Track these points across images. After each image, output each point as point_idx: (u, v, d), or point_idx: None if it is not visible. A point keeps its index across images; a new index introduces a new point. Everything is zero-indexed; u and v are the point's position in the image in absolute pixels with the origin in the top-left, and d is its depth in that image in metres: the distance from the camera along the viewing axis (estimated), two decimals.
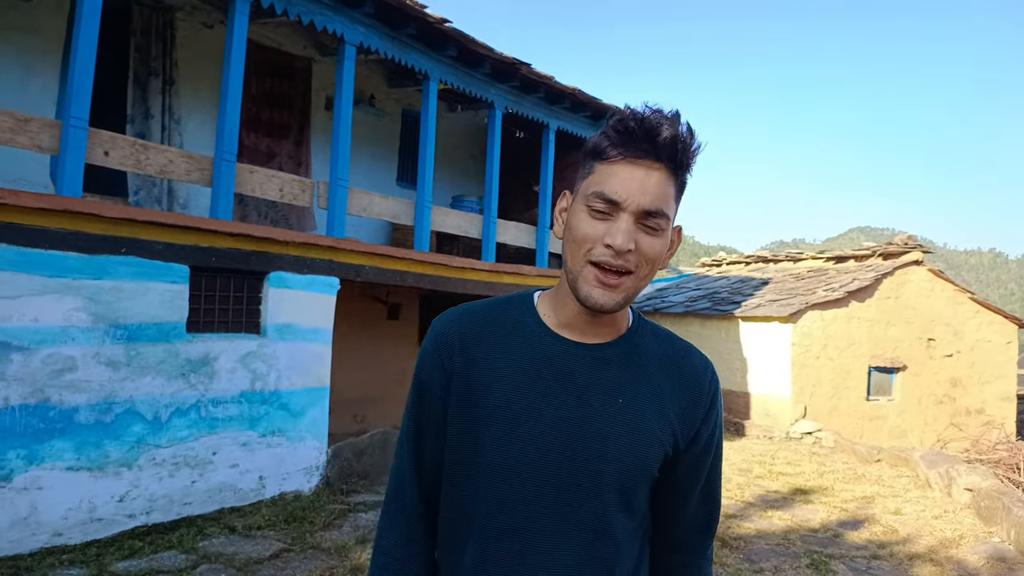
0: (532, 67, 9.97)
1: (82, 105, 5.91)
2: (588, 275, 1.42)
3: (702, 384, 1.58)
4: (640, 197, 1.39)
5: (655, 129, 1.39)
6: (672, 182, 1.44)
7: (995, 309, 15.54)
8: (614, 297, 1.42)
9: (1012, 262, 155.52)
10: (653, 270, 1.46)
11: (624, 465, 1.47)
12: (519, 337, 1.53)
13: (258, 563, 5.65)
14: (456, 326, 1.56)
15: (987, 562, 6.44)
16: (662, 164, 1.41)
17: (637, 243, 1.40)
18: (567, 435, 1.45)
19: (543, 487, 1.44)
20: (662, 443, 1.50)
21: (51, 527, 5.71)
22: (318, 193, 8.17)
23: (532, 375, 1.48)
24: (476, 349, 1.53)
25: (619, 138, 1.41)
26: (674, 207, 1.46)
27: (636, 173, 1.40)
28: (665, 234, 1.45)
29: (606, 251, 1.39)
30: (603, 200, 1.40)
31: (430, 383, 1.56)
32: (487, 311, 1.59)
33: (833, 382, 13.94)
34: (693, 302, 16.95)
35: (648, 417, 1.50)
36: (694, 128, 1.45)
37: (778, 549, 6.71)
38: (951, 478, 8.80)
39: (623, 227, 1.39)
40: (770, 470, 10.28)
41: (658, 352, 1.58)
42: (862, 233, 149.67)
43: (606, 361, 1.51)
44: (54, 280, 5.72)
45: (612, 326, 1.54)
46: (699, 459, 1.59)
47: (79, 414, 5.88)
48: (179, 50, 8.60)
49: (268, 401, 7.31)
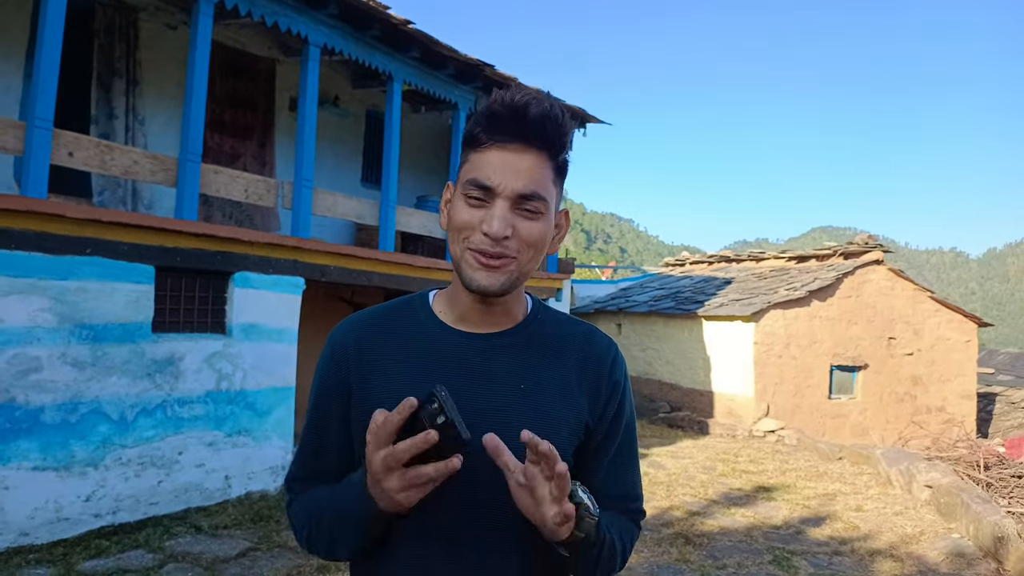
0: (496, 68, 10.04)
1: (46, 106, 5.90)
2: (469, 260, 1.38)
3: (604, 365, 1.54)
4: (513, 181, 1.36)
5: (522, 111, 1.36)
6: (547, 164, 1.40)
7: (955, 308, 15.74)
8: (498, 278, 1.38)
9: (973, 262, 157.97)
10: (538, 256, 1.42)
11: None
12: (414, 336, 1.50)
13: (225, 562, 5.67)
14: (352, 333, 1.53)
15: (947, 558, 6.54)
16: (533, 146, 1.37)
17: (515, 228, 1.37)
18: (469, 430, 1.34)
19: (450, 489, 1.34)
20: (571, 427, 1.47)
21: (17, 527, 5.69)
22: (283, 193, 8.18)
23: (428, 372, 1.44)
24: (372, 353, 1.49)
25: (487, 123, 1.38)
26: (554, 190, 1.43)
27: (507, 157, 1.36)
28: (545, 218, 1.41)
29: (483, 239, 1.36)
30: (477, 187, 1.37)
31: (329, 394, 1.52)
32: (383, 314, 1.56)
33: (795, 381, 14.10)
34: (657, 301, 17.08)
35: (553, 401, 1.46)
36: (563, 107, 1.42)
37: (741, 546, 6.80)
38: (911, 475, 8.93)
39: (498, 213, 1.35)
40: (733, 468, 10.40)
41: (559, 336, 1.54)
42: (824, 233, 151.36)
43: (505, 349, 1.48)
44: (20, 280, 5.70)
45: (508, 315, 1.51)
46: (607, 440, 1.54)
47: (45, 414, 5.87)
48: (142, 51, 8.57)
49: (234, 401, 7.32)
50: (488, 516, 1.40)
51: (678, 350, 15.77)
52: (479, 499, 1.40)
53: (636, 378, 16.63)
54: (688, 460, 10.85)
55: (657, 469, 10.02)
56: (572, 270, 13.55)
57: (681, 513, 7.81)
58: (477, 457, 1.32)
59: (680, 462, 10.64)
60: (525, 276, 1.43)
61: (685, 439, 12.96)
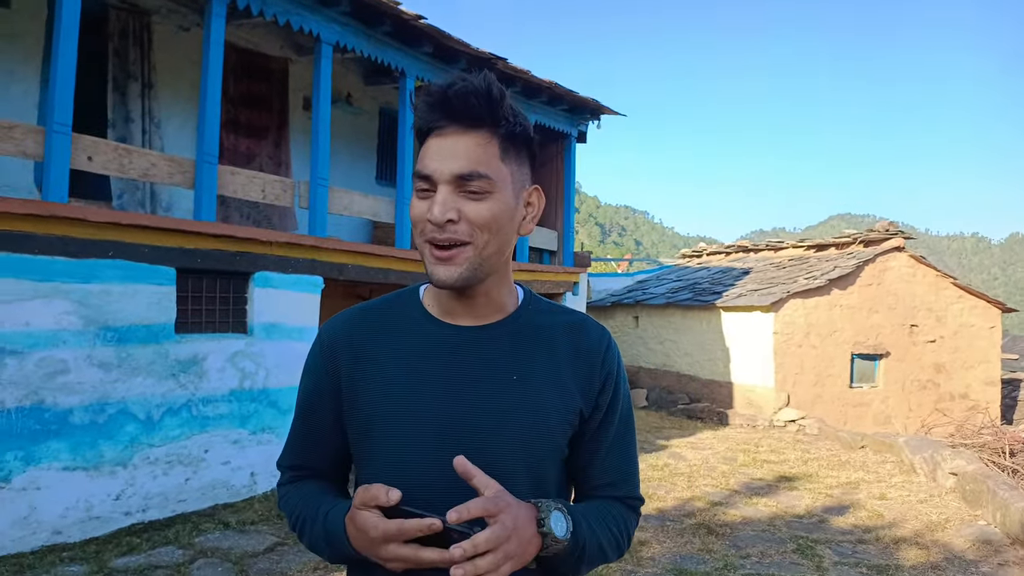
0: (508, 62, 10.06)
1: (65, 111, 5.96)
2: (427, 254, 1.38)
3: (597, 354, 1.52)
4: (449, 164, 1.34)
5: (446, 92, 1.35)
6: (490, 141, 1.37)
7: (978, 294, 15.58)
8: (456, 270, 1.36)
9: (995, 246, 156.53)
10: (498, 237, 1.39)
11: (526, 441, 1.42)
12: (404, 330, 1.49)
13: (253, 557, 5.73)
14: (342, 328, 1.53)
15: (973, 545, 6.50)
16: (467, 126, 1.36)
17: (462, 212, 1.34)
18: (461, 424, 1.40)
19: (435, 485, 1.36)
20: (564, 417, 1.46)
21: (50, 526, 5.78)
22: (299, 193, 8.23)
23: (418, 367, 1.44)
24: (363, 347, 1.49)
25: (423, 114, 1.37)
26: (504, 168, 1.39)
27: (443, 143, 1.35)
28: (494, 196, 1.37)
29: (431, 227, 1.35)
30: (420, 178, 1.36)
31: (319, 385, 1.53)
32: (373, 309, 1.56)
33: (816, 370, 14.03)
34: (674, 293, 17.06)
35: (545, 391, 1.45)
36: (493, 80, 1.38)
37: (764, 535, 6.80)
38: (936, 463, 8.88)
39: (439, 198, 1.33)
40: (754, 458, 10.39)
41: (550, 327, 1.53)
42: (843, 220, 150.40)
43: (494, 341, 1.47)
44: (44, 284, 5.77)
45: (495, 306, 1.49)
46: (601, 430, 1.53)
47: (73, 415, 5.94)
48: (156, 53, 8.63)
49: (257, 399, 7.38)
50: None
51: (696, 342, 15.73)
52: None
53: (654, 370, 16.63)
54: (708, 451, 10.84)
55: (678, 460, 10.02)
56: (588, 263, 13.55)
57: (703, 504, 7.81)
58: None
59: (701, 453, 10.64)
60: (489, 261, 1.40)
61: (705, 430, 12.95)
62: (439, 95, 1.35)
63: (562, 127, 12.00)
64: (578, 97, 11.59)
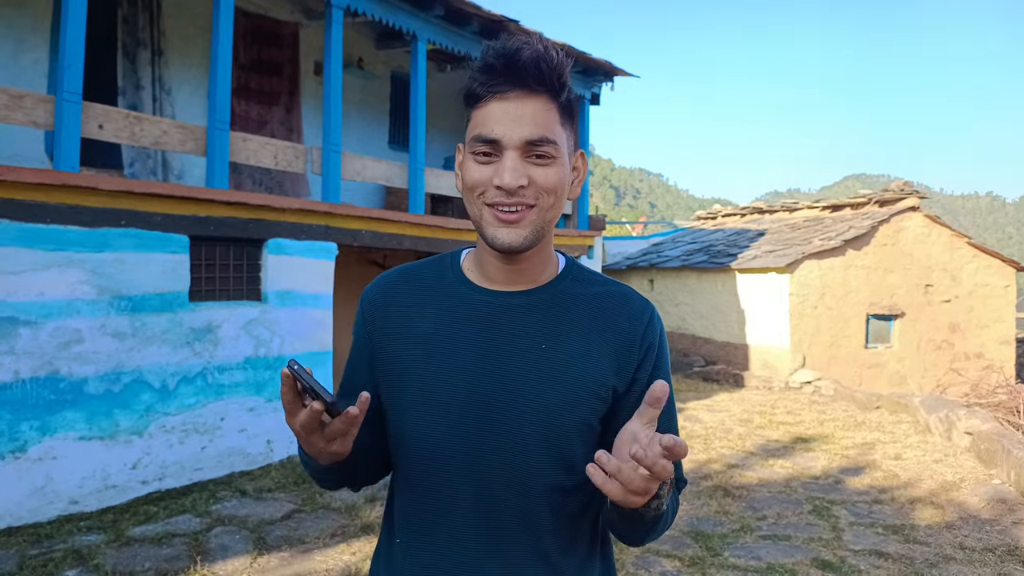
0: (520, 23, 9.94)
1: (75, 79, 5.91)
2: (488, 217, 1.36)
3: (637, 328, 1.47)
4: (518, 129, 1.32)
5: (514, 56, 1.33)
6: (551, 106, 1.36)
7: (993, 253, 15.47)
8: (521, 233, 1.35)
9: (1009, 205, 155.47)
10: (559, 201, 1.39)
11: (547, 412, 1.39)
12: (440, 293, 1.49)
13: (270, 524, 5.77)
14: (382, 288, 1.55)
15: (988, 504, 6.50)
16: (532, 91, 1.34)
17: (530, 177, 1.33)
18: (485, 389, 1.40)
19: (459, 443, 1.41)
20: (593, 391, 1.42)
21: (67, 495, 5.82)
22: (311, 159, 8.18)
23: (450, 329, 1.44)
24: (398, 307, 1.50)
25: (483, 77, 1.35)
26: (563, 132, 1.38)
27: (508, 107, 1.33)
28: (559, 161, 1.37)
29: (498, 192, 1.33)
30: (483, 142, 1.34)
31: (359, 345, 1.56)
32: (415, 270, 1.56)
33: (831, 331, 13.99)
34: (689, 256, 16.99)
35: (575, 363, 1.42)
36: (557, 47, 1.38)
37: (780, 496, 6.81)
38: (951, 422, 8.87)
39: (508, 164, 1.32)
40: (770, 420, 10.39)
41: (590, 296, 1.49)
42: (857, 181, 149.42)
43: (529, 308, 1.45)
44: (57, 254, 5.77)
45: (536, 273, 1.47)
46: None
47: (88, 385, 5.97)
48: (166, 19, 8.56)
49: (272, 367, 7.39)
50: (503, 508, 1.41)
51: (712, 304, 15.69)
52: (496, 494, 1.41)
53: (670, 333, 16.59)
54: (724, 413, 10.84)
55: (694, 423, 10.03)
56: (603, 226, 13.48)
57: (719, 466, 7.81)
58: (480, 424, 1.39)
59: (717, 415, 10.64)
60: (549, 225, 1.40)
61: (721, 392, 12.95)
62: (506, 59, 1.34)
63: (576, 89, 11.80)
64: (591, 59, 11.46)
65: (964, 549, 5.51)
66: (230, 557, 5.13)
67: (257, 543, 5.38)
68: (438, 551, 1.43)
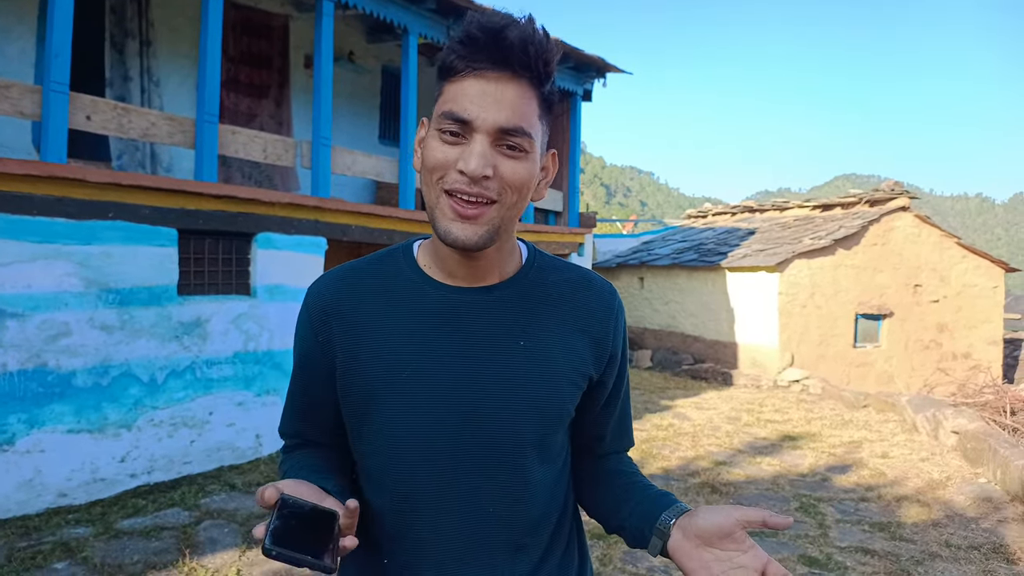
0: None
1: (62, 69, 5.87)
2: (444, 207, 1.23)
3: (610, 313, 1.43)
4: (495, 113, 1.20)
5: (501, 33, 1.19)
6: (532, 95, 1.24)
7: (981, 254, 15.55)
8: (476, 231, 1.23)
9: (999, 207, 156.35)
10: (523, 200, 1.27)
11: (538, 409, 1.33)
12: (401, 293, 1.36)
13: (259, 518, 5.73)
14: (331, 289, 1.39)
15: (974, 502, 6.53)
16: (516, 74, 1.21)
17: (497, 168, 1.21)
18: (470, 395, 1.31)
19: (440, 461, 1.31)
20: (573, 380, 1.37)
21: (56, 488, 5.80)
22: (301, 153, 8.14)
23: (423, 336, 1.32)
24: (355, 313, 1.36)
25: (463, 49, 1.20)
26: (540, 126, 1.27)
27: (487, 87, 1.20)
28: (531, 157, 1.25)
29: (460, 178, 1.20)
30: (453, 120, 1.20)
31: (309, 356, 1.41)
32: (364, 268, 1.42)
33: (820, 330, 14.03)
34: (679, 254, 17.00)
35: (555, 355, 1.36)
36: (546, 31, 1.24)
37: (767, 494, 6.83)
38: (938, 421, 8.90)
39: (477, 149, 1.19)
40: (758, 418, 10.41)
41: (557, 284, 1.41)
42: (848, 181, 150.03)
43: (500, 303, 1.35)
44: (44, 246, 5.73)
45: (500, 266, 1.37)
46: (614, 392, 1.49)
47: (77, 378, 5.94)
48: (154, 10, 8.52)
49: (261, 361, 7.37)
50: (496, 528, 1.36)
51: (701, 302, 15.71)
52: (485, 511, 1.35)
53: (659, 331, 16.63)
54: (713, 411, 10.86)
55: (682, 420, 10.04)
56: (594, 224, 13.48)
57: (707, 463, 7.82)
58: (463, 430, 1.31)
59: (705, 413, 10.65)
60: (509, 224, 1.29)
61: (709, 390, 12.96)
62: (492, 34, 1.19)
63: (568, 86, 11.87)
64: (584, 55, 11.45)
65: (950, 547, 5.53)
66: (219, 551, 5.11)
67: (246, 537, 5.36)
68: (423, 567, 1.36)
